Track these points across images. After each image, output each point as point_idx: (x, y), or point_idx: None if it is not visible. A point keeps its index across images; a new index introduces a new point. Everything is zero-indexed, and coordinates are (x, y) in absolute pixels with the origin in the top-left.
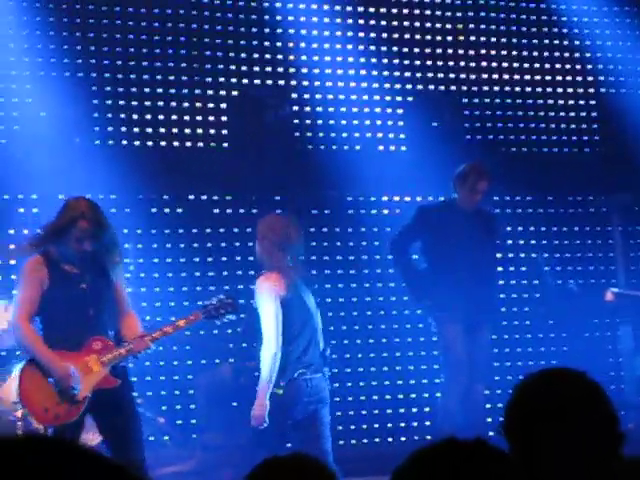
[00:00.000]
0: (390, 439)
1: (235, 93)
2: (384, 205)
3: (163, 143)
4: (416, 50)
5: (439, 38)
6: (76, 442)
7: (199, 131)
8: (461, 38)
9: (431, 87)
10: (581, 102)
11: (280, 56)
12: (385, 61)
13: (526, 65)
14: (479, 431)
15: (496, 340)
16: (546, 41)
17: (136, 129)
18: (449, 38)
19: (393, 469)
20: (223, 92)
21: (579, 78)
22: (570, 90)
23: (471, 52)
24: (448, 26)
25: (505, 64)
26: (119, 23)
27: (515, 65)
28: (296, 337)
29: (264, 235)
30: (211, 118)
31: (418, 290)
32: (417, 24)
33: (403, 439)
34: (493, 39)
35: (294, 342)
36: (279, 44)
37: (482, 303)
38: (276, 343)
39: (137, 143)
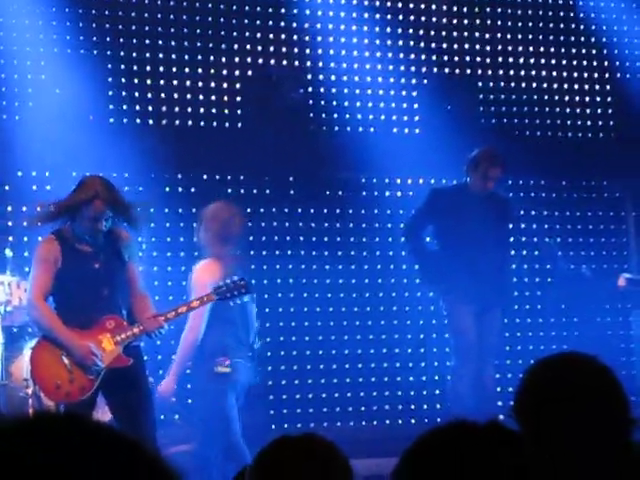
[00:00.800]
0: (400, 421)
1: (250, 73)
2: (398, 187)
3: (177, 122)
4: (432, 32)
5: (455, 21)
6: (90, 418)
7: (213, 111)
8: (477, 21)
9: (446, 70)
10: (596, 86)
11: (295, 37)
12: (400, 43)
13: (541, 49)
14: (489, 414)
15: (508, 324)
16: (561, 25)
17: (150, 107)
18: (465, 21)
19: (402, 451)
20: (238, 72)
21: (594, 62)
22: (585, 74)
23: (486, 35)
24: (464, 9)
25: (520, 48)
26: (135, 1)
27: (530, 49)
28: (233, 323)
29: (206, 224)
30: (225, 98)
31: (431, 273)
32: (433, 6)
33: (413, 421)
34: (509, 22)
35: (232, 327)
36: (295, 24)
37: (494, 287)
38: (203, 330)
39: (151, 122)
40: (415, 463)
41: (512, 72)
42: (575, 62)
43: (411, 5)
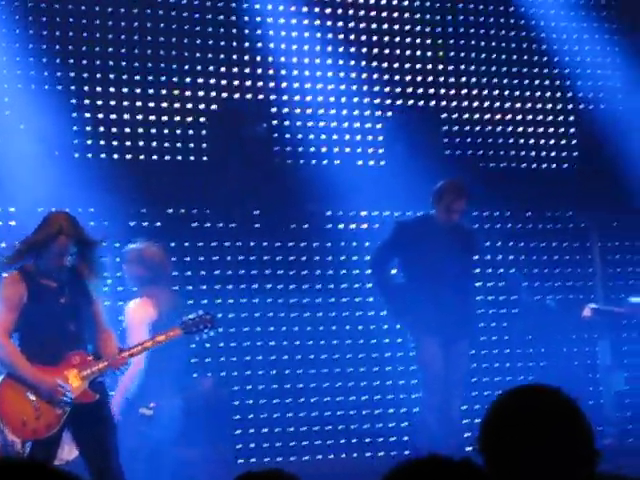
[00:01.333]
0: (368, 454)
1: (215, 107)
2: (363, 220)
3: (142, 157)
4: (396, 65)
5: (419, 53)
6: (53, 465)
7: (178, 145)
8: (440, 54)
9: (410, 102)
10: (560, 118)
11: (260, 70)
12: (365, 76)
13: (505, 80)
14: (457, 446)
15: (474, 355)
16: (525, 57)
17: (115, 142)
18: (429, 54)
19: None
20: (202, 106)
21: (558, 94)
22: (549, 106)
23: (450, 67)
24: (428, 41)
25: (484, 80)
26: (98, 36)
27: (494, 80)
28: (163, 361)
29: (133, 267)
30: (190, 132)
31: (397, 305)
32: (397, 39)
33: (381, 454)
34: (472, 54)
35: (162, 365)
36: (259, 58)
37: (458, 318)
38: (144, 364)
39: (116, 156)
40: None
41: (476, 104)
42: (539, 93)
43: (374, 38)
